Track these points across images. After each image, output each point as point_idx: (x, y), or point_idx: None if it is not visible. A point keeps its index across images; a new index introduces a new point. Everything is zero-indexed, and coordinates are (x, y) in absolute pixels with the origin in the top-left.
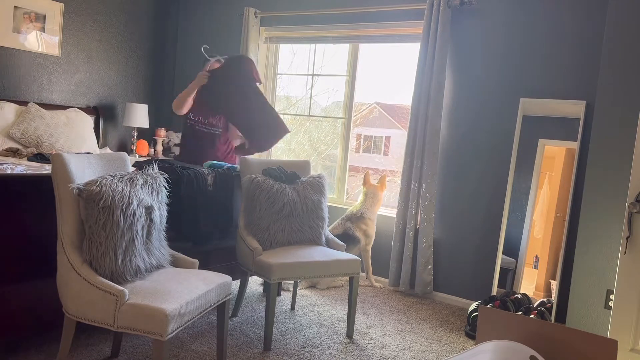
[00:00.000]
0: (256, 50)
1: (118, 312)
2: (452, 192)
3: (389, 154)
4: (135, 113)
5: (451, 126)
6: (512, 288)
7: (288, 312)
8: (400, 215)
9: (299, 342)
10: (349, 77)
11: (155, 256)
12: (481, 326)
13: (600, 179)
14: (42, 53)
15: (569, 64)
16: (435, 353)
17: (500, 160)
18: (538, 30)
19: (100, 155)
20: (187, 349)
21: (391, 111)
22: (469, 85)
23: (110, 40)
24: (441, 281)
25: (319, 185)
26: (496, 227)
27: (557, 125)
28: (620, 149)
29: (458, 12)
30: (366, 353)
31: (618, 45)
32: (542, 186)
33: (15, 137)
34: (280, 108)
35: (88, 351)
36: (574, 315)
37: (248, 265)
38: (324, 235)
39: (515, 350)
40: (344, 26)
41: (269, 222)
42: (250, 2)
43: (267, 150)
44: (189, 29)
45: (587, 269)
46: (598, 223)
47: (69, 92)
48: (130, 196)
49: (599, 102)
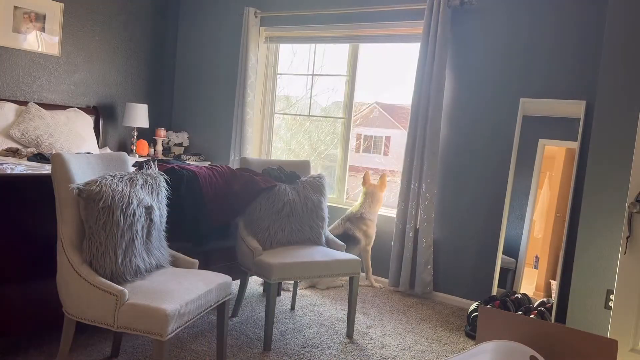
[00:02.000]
0: (256, 50)
1: (118, 312)
2: (452, 192)
3: (389, 154)
4: (135, 113)
5: (451, 126)
6: (512, 288)
7: (288, 312)
8: (400, 215)
9: (299, 342)
10: (349, 77)
11: (155, 256)
12: (481, 326)
13: (600, 179)
14: (42, 53)
15: (569, 64)
16: (435, 353)
17: (500, 160)
18: (538, 30)
19: (100, 155)
20: (187, 349)
21: (391, 111)
22: (469, 85)
23: (110, 40)
24: (441, 281)
25: (319, 185)
26: (496, 227)
27: (557, 125)
28: (620, 148)
29: (458, 12)
30: (366, 353)
31: (618, 45)
32: (542, 186)
33: (15, 137)
34: (280, 108)
35: (88, 351)
36: (574, 315)
37: (248, 265)
38: (324, 235)
39: (515, 350)
40: (344, 26)
41: (269, 222)
42: (250, 2)
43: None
44: (189, 29)
45: (587, 269)
46: (598, 223)
47: (69, 92)
48: (130, 196)
49: (599, 102)
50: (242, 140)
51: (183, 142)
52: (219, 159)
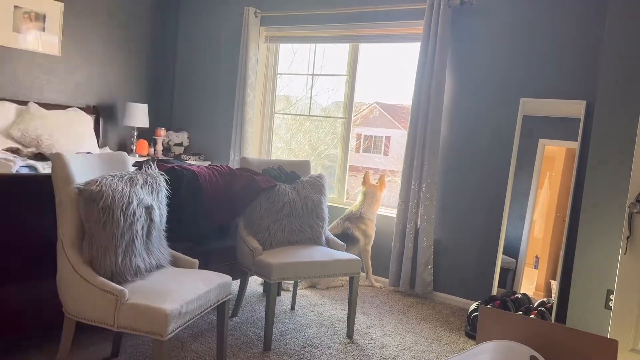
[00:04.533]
0: (256, 50)
1: (118, 312)
2: (452, 192)
3: (389, 154)
4: (135, 113)
5: (451, 126)
6: (512, 288)
7: (288, 312)
8: (400, 215)
9: (299, 342)
10: (349, 77)
11: (155, 256)
12: (481, 326)
13: (600, 179)
14: (42, 53)
15: (569, 63)
16: (435, 353)
17: (500, 160)
18: (538, 30)
19: (100, 155)
20: (187, 349)
21: (391, 111)
22: (469, 85)
23: (110, 40)
24: (441, 281)
25: (319, 185)
26: (496, 227)
27: (557, 125)
28: (620, 148)
29: (458, 12)
30: (366, 353)
31: (618, 45)
32: (542, 186)
33: (15, 137)
34: (280, 108)
35: (88, 351)
36: (574, 315)
37: (248, 265)
38: (324, 235)
39: (515, 350)
40: (344, 26)
41: (269, 221)
42: (250, 2)
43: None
44: (189, 29)
45: (587, 269)
46: (598, 223)
47: (69, 92)
48: (130, 196)
49: (599, 102)
50: (242, 140)
51: (183, 141)
52: (219, 159)
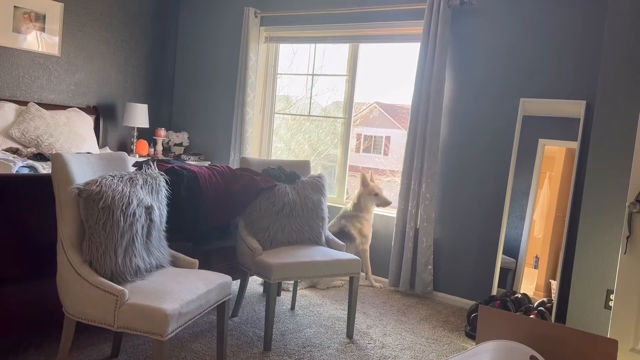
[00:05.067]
0: (256, 50)
1: (118, 312)
2: (452, 192)
3: (389, 154)
4: (135, 113)
5: (451, 126)
6: (512, 288)
7: (288, 312)
8: (400, 215)
9: (299, 342)
10: (349, 77)
11: (155, 256)
12: (481, 326)
13: (600, 179)
14: (42, 53)
15: (568, 64)
16: (435, 353)
17: (500, 160)
18: (538, 30)
19: (100, 155)
20: (187, 349)
21: (391, 111)
22: (469, 85)
23: (110, 40)
24: (441, 281)
25: (319, 185)
26: (496, 227)
27: (557, 125)
28: (620, 148)
29: (458, 12)
30: (366, 353)
31: (618, 45)
32: (542, 186)
33: (15, 137)
34: (280, 108)
35: (88, 351)
36: (574, 315)
37: (248, 265)
38: (324, 235)
39: (515, 350)
40: (344, 26)
41: (269, 222)
42: (250, 2)
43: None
44: (189, 29)
45: (587, 269)
46: (598, 223)
47: (69, 92)
48: (130, 196)
49: (599, 102)
50: (242, 140)
51: (183, 142)
52: (219, 159)
